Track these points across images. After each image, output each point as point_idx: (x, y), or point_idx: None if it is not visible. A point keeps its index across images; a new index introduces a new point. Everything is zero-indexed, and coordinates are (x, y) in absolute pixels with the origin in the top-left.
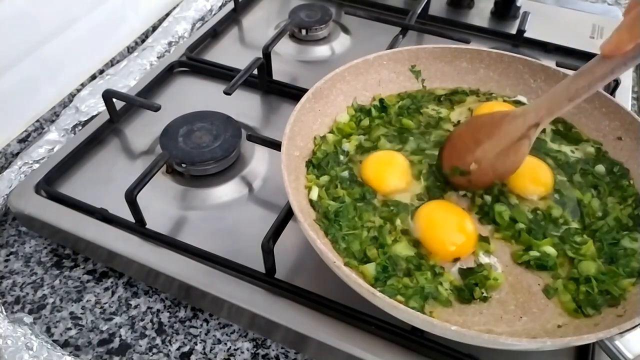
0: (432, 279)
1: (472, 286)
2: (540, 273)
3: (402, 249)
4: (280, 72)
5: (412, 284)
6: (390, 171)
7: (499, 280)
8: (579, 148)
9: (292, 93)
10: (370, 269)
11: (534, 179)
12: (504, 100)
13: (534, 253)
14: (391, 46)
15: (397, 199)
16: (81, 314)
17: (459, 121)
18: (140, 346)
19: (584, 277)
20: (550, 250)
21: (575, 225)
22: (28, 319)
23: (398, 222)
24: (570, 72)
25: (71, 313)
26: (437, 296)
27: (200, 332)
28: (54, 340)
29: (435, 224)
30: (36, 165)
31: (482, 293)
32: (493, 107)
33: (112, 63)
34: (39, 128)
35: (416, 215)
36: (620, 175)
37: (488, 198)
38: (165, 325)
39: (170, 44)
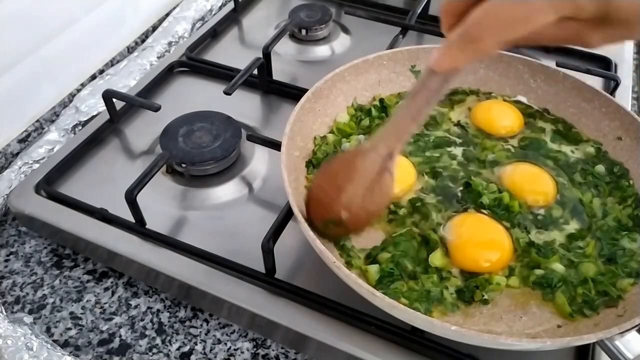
0: (438, 283)
1: (473, 288)
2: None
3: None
4: (280, 72)
5: (417, 287)
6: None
7: (500, 285)
8: (578, 148)
9: (292, 93)
10: (374, 270)
11: (535, 190)
12: (504, 100)
13: (539, 271)
14: (391, 46)
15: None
16: (81, 314)
17: (459, 121)
18: (140, 346)
19: (582, 279)
20: (559, 267)
21: (575, 225)
22: (28, 319)
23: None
24: (569, 72)
25: (71, 313)
26: (441, 300)
27: (200, 332)
28: (54, 340)
29: (474, 237)
30: (36, 165)
31: (483, 296)
32: (492, 105)
33: (112, 63)
34: (39, 128)
35: (452, 224)
36: (620, 176)
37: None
38: (165, 325)
39: (170, 44)
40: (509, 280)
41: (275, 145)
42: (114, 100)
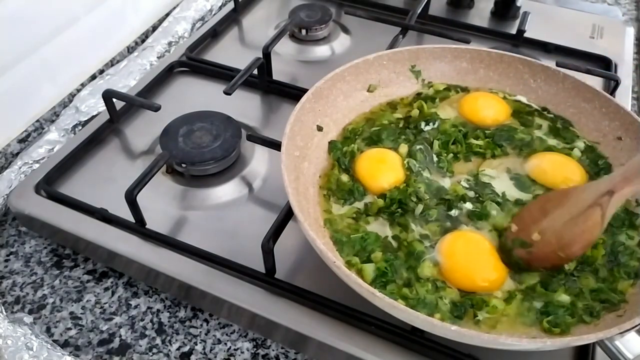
0: (433, 292)
1: (467, 306)
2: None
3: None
4: (280, 72)
5: (411, 294)
6: (382, 170)
7: (498, 309)
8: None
9: (292, 93)
10: (369, 269)
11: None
12: (504, 98)
13: (539, 304)
14: (391, 46)
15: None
16: (81, 314)
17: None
18: (140, 346)
19: (577, 294)
20: (565, 298)
21: None
22: (28, 319)
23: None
24: (570, 72)
25: (71, 313)
26: (437, 310)
27: (200, 332)
28: (54, 340)
29: (466, 258)
30: (36, 165)
31: (476, 316)
32: (479, 96)
33: (112, 63)
34: (39, 128)
35: (442, 244)
36: (602, 169)
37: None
38: (165, 325)
39: (170, 44)
40: (507, 306)
41: (275, 145)
42: (114, 100)
